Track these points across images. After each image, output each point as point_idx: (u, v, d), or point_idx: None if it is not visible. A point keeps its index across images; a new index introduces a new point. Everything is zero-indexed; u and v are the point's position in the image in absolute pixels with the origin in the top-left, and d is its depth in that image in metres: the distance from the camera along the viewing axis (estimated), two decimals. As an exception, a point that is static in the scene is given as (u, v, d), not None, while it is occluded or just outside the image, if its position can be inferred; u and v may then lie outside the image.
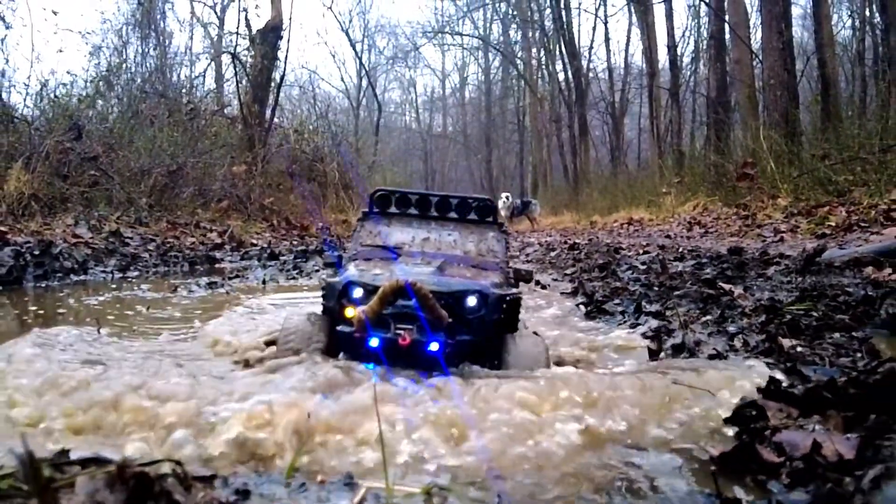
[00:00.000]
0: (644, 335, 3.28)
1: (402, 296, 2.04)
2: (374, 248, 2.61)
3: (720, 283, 4.52)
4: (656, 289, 4.56)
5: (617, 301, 4.29)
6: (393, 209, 2.75)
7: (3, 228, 6.95)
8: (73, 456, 1.10)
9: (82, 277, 5.95)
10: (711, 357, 2.67)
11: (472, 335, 2.21)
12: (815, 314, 3.27)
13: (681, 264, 5.82)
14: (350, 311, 2.19)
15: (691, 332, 3.11)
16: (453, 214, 2.75)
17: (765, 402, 1.92)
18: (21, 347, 2.18)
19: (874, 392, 1.81)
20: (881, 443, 1.50)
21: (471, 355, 2.29)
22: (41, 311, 4.07)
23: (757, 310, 3.50)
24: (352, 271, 2.34)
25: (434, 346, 2.09)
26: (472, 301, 2.23)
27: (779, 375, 2.18)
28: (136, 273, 6.48)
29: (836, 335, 2.96)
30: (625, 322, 3.72)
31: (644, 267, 5.76)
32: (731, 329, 3.16)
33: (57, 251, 6.22)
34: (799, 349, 2.71)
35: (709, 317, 3.50)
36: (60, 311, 4.08)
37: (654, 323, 3.41)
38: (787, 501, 1.31)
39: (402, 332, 2.10)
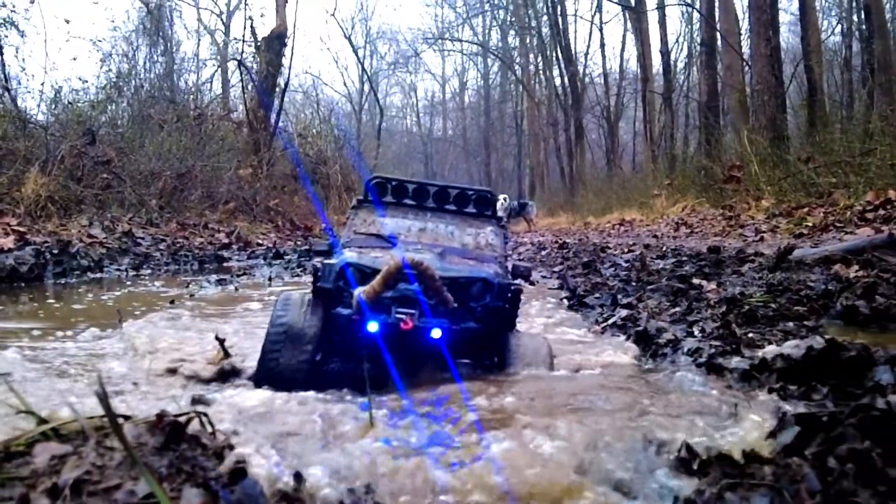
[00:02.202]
0: (614, 324, 3.63)
1: (404, 278, 1.92)
2: (368, 236, 2.51)
3: (692, 279, 4.87)
4: (634, 284, 4.91)
5: (597, 295, 4.63)
6: (389, 198, 2.64)
7: (21, 229, 7.28)
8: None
9: (98, 275, 6.29)
10: (668, 342, 3.01)
11: (476, 323, 2.10)
12: (773, 306, 3.60)
13: (662, 262, 6.15)
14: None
15: (655, 320, 3.46)
16: (452, 206, 2.64)
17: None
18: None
19: (798, 366, 2.20)
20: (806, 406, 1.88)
21: (473, 348, 2.20)
22: (66, 306, 4.40)
23: (721, 302, 3.83)
24: (349, 254, 2.24)
25: (436, 333, 1.98)
26: (476, 288, 2.13)
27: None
28: (148, 271, 6.83)
29: (790, 324, 3.29)
30: (602, 314, 4.07)
31: (626, 264, 6.10)
32: (692, 318, 3.51)
33: (74, 250, 6.56)
34: (750, 335, 3.04)
35: (678, 308, 3.84)
36: (79, 306, 4.38)
37: (623, 313, 3.76)
38: (713, 444, 1.68)
39: (403, 316, 1.97)
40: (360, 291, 1.97)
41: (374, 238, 2.49)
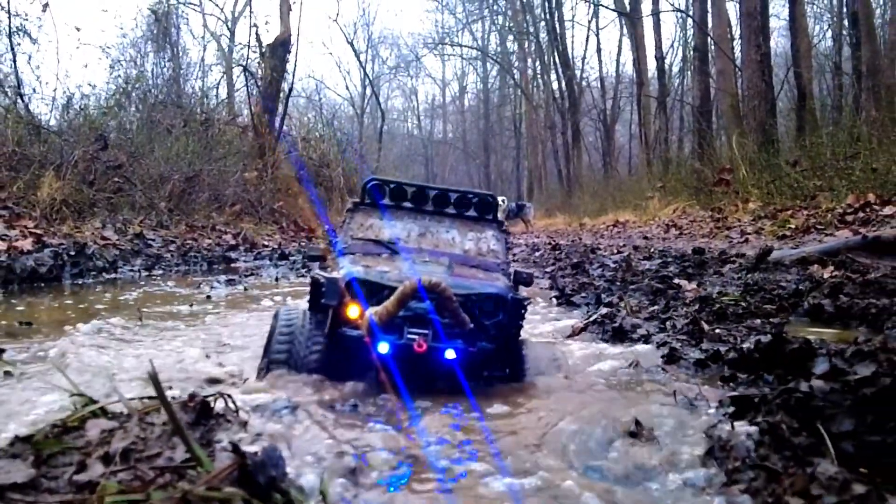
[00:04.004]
0: (595, 321, 3.92)
1: (417, 297, 1.83)
2: (367, 241, 2.39)
3: (674, 279, 5.17)
4: (618, 284, 5.20)
5: (583, 294, 4.91)
6: (387, 201, 2.52)
7: (38, 231, 7.59)
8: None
9: (112, 276, 6.53)
10: (641, 337, 3.31)
11: (490, 342, 2.02)
12: (743, 304, 3.89)
13: (648, 263, 6.44)
14: (354, 311, 1.95)
15: (631, 317, 3.76)
16: (451, 210, 2.54)
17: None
18: None
19: (748, 357, 2.53)
20: (745, 390, 2.21)
21: (485, 365, 2.12)
22: (90, 305, 4.65)
23: (696, 301, 4.13)
24: (355, 267, 2.08)
25: (451, 354, 1.89)
26: (488, 305, 2.04)
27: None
28: (160, 272, 7.09)
29: (757, 321, 3.58)
30: (587, 312, 4.35)
31: (614, 265, 6.38)
32: (667, 315, 3.80)
33: (90, 252, 6.85)
34: (717, 331, 3.34)
35: (656, 307, 4.13)
36: (100, 305, 4.60)
37: (604, 310, 4.06)
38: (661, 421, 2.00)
39: (415, 337, 1.87)
40: (371, 312, 1.86)
41: (374, 244, 2.38)
